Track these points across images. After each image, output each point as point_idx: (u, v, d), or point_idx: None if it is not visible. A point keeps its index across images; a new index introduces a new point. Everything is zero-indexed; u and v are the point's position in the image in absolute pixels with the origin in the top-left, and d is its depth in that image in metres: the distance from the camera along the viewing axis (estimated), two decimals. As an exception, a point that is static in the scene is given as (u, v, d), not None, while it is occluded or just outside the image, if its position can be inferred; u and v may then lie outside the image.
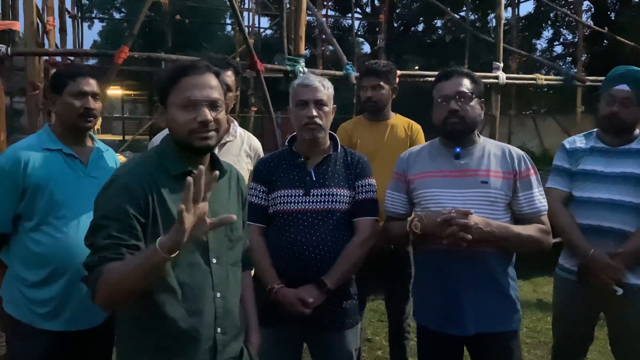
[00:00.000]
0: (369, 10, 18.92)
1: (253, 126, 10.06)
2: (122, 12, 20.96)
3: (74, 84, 2.02)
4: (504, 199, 1.93)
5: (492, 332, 1.91)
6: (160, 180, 1.46)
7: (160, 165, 1.49)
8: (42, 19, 5.33)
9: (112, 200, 1.41)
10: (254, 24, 11.90)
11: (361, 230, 2.05)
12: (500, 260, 1.93)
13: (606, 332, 2.46)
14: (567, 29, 17.23)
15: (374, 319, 4.32)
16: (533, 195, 1.95)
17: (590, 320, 2.42)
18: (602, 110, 2.37)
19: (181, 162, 1.50)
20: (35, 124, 4.08)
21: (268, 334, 2.09)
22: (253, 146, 2.39)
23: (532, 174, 1.97)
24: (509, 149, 2.01)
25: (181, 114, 1.46)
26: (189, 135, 1.46)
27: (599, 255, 2.21)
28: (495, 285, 1.93)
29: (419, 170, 2.06)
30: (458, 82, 1.98)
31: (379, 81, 2.83)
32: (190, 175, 1.44)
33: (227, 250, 1.57)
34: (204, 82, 1.48)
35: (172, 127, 1.50)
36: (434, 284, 1.99)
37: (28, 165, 1.93)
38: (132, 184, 1.42)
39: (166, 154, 1.52)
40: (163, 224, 1.42)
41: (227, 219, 1.34)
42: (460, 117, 1.94)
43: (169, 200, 1.44)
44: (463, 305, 1.91)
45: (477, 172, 1.95)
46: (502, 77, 5.44)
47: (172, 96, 1.47)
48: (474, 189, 1.93)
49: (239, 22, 5.13)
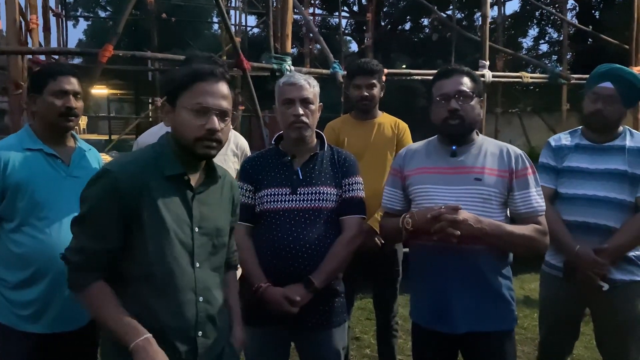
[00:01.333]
0: (356, 9, 18.93)
1: (240, 125, 10.01)
2: (107, 11, 20.75)
3: (54, 83, 1.98)
4: (498, 197, 1.91)
5: (484, 331, 1.89)
6: (152, 180, 1.45)
7: (155, 164, 1.48)
8: (25, 17, 5.25)
9: (100, 196, 1.41)
10: (241, 23, 11.81)
11: (348, 228, 2.05)
12: (492, 259, 1.91)
13: (592, 328, 2.49)
14: (552, 27, 17.40)
15: (362, 317, 4.33)
16: (529, 195, 1.92)
17: (576, 316, 2.44)
18: (586, 107, 2.39)
19: (177, 164, 1.50)
20: (18, 124, 4.02)
21: (255, 334, 2.08)
22: (240, 145, 2.38)
23: (530, 174, 1.93)
24: (507, 148, 1.98)
25: (191, 118, 1.46)
26: (194, 142, 1.47)
27: (585, 251, 2.23)
28: (487, 284, 1.90)
29: (415, 166, 2.04)
30: (459, 80, 1.94)
31: (373, 79, 2.84)
32: (184, 177, 1.49)
33: (210, 255, 1.57)
34: (218, 90, 1.49)
35: (178, 129, 1.50)
36: (426, 281, 1.98)
37: (8, 166, 1.90)
38: (123, 181, 1.41)
39: (164, 154, 1.51)
40: (150, 226, 1.43)
41: None
42: (460, 117, 1.91)
43: (159, 202, 1.44)
44: (454, 303, 1.89)
45: (471, 169, 1.93)
46: (488, 75, 5.47)
47: (184, 98, 1.47)
48: (467, 186, 1.91)
49: (225, 20, 5.09)
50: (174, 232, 1.46)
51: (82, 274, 1.42)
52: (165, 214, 1.44)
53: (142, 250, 1.43)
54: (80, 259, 1.42)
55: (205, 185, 1.57)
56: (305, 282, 1.94)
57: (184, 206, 1.50)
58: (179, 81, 1.49)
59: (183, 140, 1.49)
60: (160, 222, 1.44)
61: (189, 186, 1.52)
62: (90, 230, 1.42)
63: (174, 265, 1.46)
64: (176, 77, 1.52)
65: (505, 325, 1.94)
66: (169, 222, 1.45)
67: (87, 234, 1.42)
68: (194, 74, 1.48)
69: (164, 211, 1.44)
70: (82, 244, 1.42)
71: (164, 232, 1.45)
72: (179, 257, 1.47)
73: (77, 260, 1.42)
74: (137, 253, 1.44)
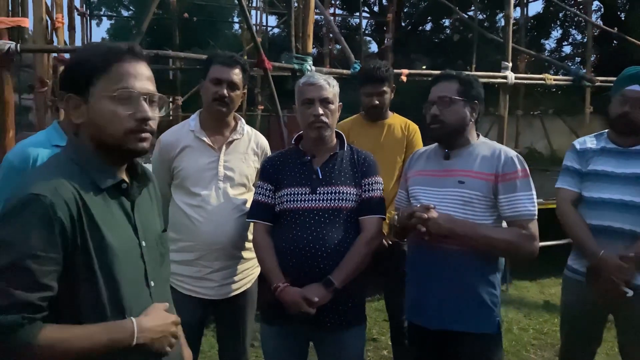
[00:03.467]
0: (377, 9, 18.91)
1: (260, 124, 10.06)
2: (130, 10, 21.05)
3: None
4: (481, 200, 1.93)
5: (457, 331, 1.92)
6: (87, 196, 1.19)
7: (83, 177, 1.21)
8: (51, 16, 5.35)
9: (37, 227, 1.09)
10: (261, 22, 11.88)
11: (367, 228, 2.05)
12: (472, 262, 1.93)
13: (614, 335, 2.44)
14: (576, 29, 17.15)
15: (380, 318, 4.31)
16: (515, 199, 1.91)
17: (598, 322, 2.40)
18: (613, 110, 2.35)
19: (110, 172, 1.26)
20: (43, 121, 4.09)
21: (274, 333, 2.10)
22: (260, 144, 2.38)
23: (520, 177, 1.93)
24: (500, 151, 1.99)
25: (115, 107, 1.21)
26: (124, 136, 1.22)
27: (609, 256, 2.19)
28: (465, 286, 1.93)
29: (415, 169, 2.15)
30: (442, 87, 2.02)
31: (383, 87, 2.84)
32: (122, 186, 1.26)
33: (159, 268, 1.39)
34: (141, 70, 1.25)
35: (98, 125, 1.22)
36: (410, 276, 2.09)
37: (37, 162, 1.93)
38: (58, 205, 1.12)
39: (88, 162, 1.23)
40: (95, 251, 1.17)
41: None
42: (440, 122, 1.99)
43: (99, 221, 1.19)
44: (429, 298, 1.97)
45: (456, 172, 1.98)
46: (511, 77, 5.41)
47: (101, 85, 1.21)
48: (450, 189, 1.97)
49: (247, 20, 5.12)
50: (124, 255, 1.23)
51: (23, 331, 1.07)
52: (110, 238, 1.20)
53: (90, 286, 1.17)
54: (14, 318, 1.06)
55: (138, 190, 1.33)
56: (324, 282, 1.94)
57: (127, 220, 1.28)
58: (91, 64, 1.22)
59: (108, 137, 1.22)
60: (107, 249, 1.19)
61: (125, 195, 1.29)
62: (24, 280, 1.07)
63: (131, 294, 1.24)
64: (84, 60, 1.24)
65: (480, 328, 1.94)
66: (117, 247, 1.21)
67: (20, 285, 1.07)
68: (110, 54, 1.22)
69: (108, 235, 1.19)
70: (12, 300, 1.06)
71: (114, 260, 1.20)
72: (134, 282, 1.26)
73: (10, 320, 1.06)
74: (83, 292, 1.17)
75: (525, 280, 5.39)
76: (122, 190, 1.28)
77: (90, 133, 1.25)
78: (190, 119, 2.30)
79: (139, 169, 1.37)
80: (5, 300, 1.06)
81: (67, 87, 1.25)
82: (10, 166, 1.95)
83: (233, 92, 2.21)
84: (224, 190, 2.21)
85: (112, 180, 1.25)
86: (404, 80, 4.84)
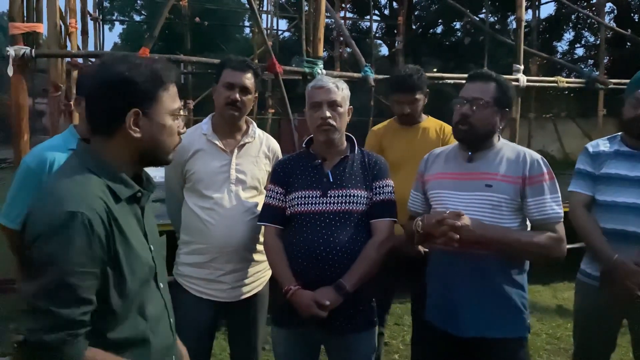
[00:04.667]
0: (387, 13, 18.89)
1: (270, 128, 10.09)
2: (142, 15, 21.24)
3: None
4: (509, 203, 1.90)
5: (492, 337, 1.89)
6: (113, 207, 1.22)
7: (104, 188, 1.23)
8: (65, 21, 5.41)
9: (79, 245, 1.12)
10: (272, 26, 11.92)
11: (379, 231, 2.04)
12: (501, 265, 1.90)
13: (628, 340, 2.41)
14: (588, 30, 17.02)
15: (391, 322, 4.29)
16: (544, 201, 1.89)
17: (612, 327, 2.37)
18: (627, 113, 2.33)
19: (126, 182, 1.29)
20: (56, 125, 4.14)
21: (285, 335, 2.10)
22: (271, 147, 2.39)
23: (546, 180, 1.90)
24: (525, 153, 1.96)
25: (173, 124, 1.32)
26: (173, 150, 1.35)
27: (623, 260, 2.17)
28: (496, 290, 1.90)
29: (434, 171, 2.09)
30: (478, 86, 1.96)
31: (415, 95, 2.77)
32: (137, 195, 1.31)
33: (163, 270, 1.44)
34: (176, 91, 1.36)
35: (157, 138, 1.30)
36: (437, 282, 2.04)
37: (54, 165, 1.95)
38: (95, 221, 1.15)
39: (107, 173, 1.26)
40: (127, 264, 1.22)
41: None
42: (470, 124, 1.94)
43: (126, 231, 1.24)
44: (462, 306, 1.92)
45: (483, 175, 1.94)
46: (523, 79, 5.37)
47: (164, 102, 1.29)
48: (478, 192, 1.92)
49: (258, 24, 5.14)
50: (143, 259, 1.29)
51: (68, 348, 1.12)
52: (134, 245, 1.26)
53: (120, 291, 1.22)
54: (59, 336, 1.11)
55: (147, 197, 1.38)
56: (336, 285, 1.94)
57: (139, 226, 1.33)
58: (159, 81, 1.28)
59: (162, 149, 1.32)
60: (133, 255, 1.25)
61: (138, 202, 1.34)
62: (67, 298, 1.12)
63: (149, 295, 1.32)
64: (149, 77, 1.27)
65: (514, 332, 1.92)
66: (138, 251, 1.27)
67: (63, 302, 1.11)
68: (170, 74, 1.31)
69: (132, 242, 1.25)
70: (57, 318, 1.11)
71: (137, 264, 1.26)
72: (148, 284, 1.32)
73: (55, 338, 1.11)
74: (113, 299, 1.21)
75: (538, 285, 5.34)
76: (137, 199, 1.33)
77: (139, 146, 1.28)
78: (203, 123, 2.32)
79: (144, 175, 1.40)
80: (51, 320, 1.10)
81: (127, 101, 1.25)
82: (27, 169, 1.98)
83: (245, 97, 2.22)
84: (235, 193, 2.23)
85: (131, 190, 1.29)
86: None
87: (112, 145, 1.28)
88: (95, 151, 1.29)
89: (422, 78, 2.81)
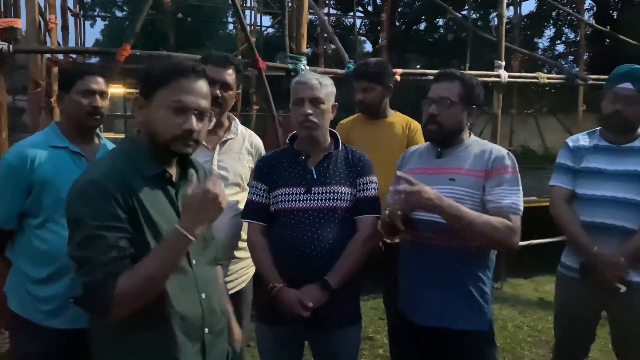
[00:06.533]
0: (371, 9, 18.93)
1: (255, 124, 10.05)
2: (124, 11, 20.99)
3: (82, 82, 2.02)
4: (471, 196, 1.92)
5: (451, 328, 1.92)
6: (135, 182, 1.38)
7: (132, 167, 1.41)
8: (44, 17, 5.32)
9: (99, 205, 1.31)
10: (256, 22, 11.86)
11: (363, 228, 2.05)
12: (461, 257, 1.93)
13: (608, 331, 2.46)
14: (569, 27, 17.24)
15: (375, 317, 4.32)
16: (501, 191, 1.90)
17: (592, 319, 2.42)
18: (605, 108, 2.37)
19: (155, 163, 1.44)
20: (37, 122, 4.07)
21: (269, 333, 2.10)
22: (254, 144, 2.39)
23: (508, 173, 1.92)
24: (491, 149, 1.99)
25: (168, 116, 1.40)
26: (170, 140, 1.41)
27: (603, 252, 2.21)
28: (455, 282, 1.93)
29: (408, 167, 2.12)
30: (444, 86, 1.99)
31: (369, 83, 2.80)
32: (165, 175, 1.45)
33: (202, 250, 1.54)
34: (198, 87, 1.44)
35: (153, 126, 1.43)
36: (406, 274, 2.08)
37: (35, 162, 1.93)
38: (110, 187, 1.32)
39: (138, 155, 1.44)
40: (148, 229, 1.37)
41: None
42: (437, 124, 1.97)
43: (147, 206, 1.38)
44: (426, 296, 1.96)
45: (448, 170, 1.98)
46: (504, 75, 5.41)
47: (162, 94, 1.41)
48: (442, 186, 1.94)
49: (241, 20, 5.11)
50: (161, 232, 1.40)
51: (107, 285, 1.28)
52: (156, 217, 1.39)
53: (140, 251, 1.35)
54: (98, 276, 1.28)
55: (184, 179, 1.52)
56: (321, 283, 1.94)
57: (170, 204, 1.45)
58: (158, 75, 1.42)
59: (158, 137, 1.42)
60: (153, 226, 1.38)
61: (170, 183, 1.47)
62: (100, 245, 1.29)
63: (176, 267, 1.40)
64: (155, 70, 1.45)
65: (473, 325, 1.94)
66: (161, 225, 1.39)
67: (96, 250, 1.29)
68: (174, 70, 1.42)
69: (154, 214, 1.38)
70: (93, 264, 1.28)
71: (158, 236, 1.38)
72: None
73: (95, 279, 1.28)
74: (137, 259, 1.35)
75: (519, 278, 5.41)
76: (167, 180, 1.46)
77: (147, 130, 1.44)
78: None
79: (188, 163, 1.55)
80: (88, 266, 1.29)
81: (138, 89, 1.47)
82: (8, 166, 1.95)
83: (226, 93, 2.21)
84: (218, 190, 2.21)
85: (157, 170, 1.43)
86: (397, 79, 4.84)
87: (142, 130, 1.48)
88: (135, 136, 1.50)
89: (382, 70, 2.83)
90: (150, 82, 1.43)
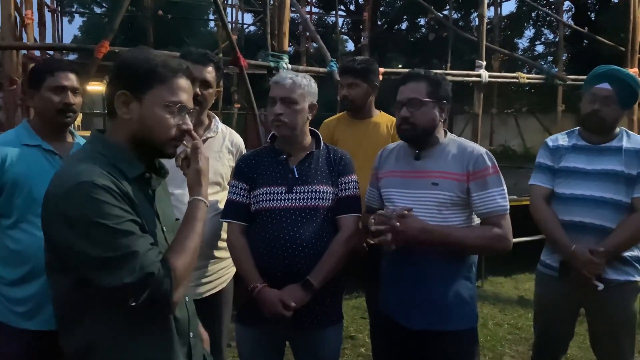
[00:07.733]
0: (353, 8, 18.94)
1: (236, 123, 9.99)
2: (103, 7, 20.65)
3: (52, 79, 1.97)
4: (455, 200, 1.93)
5: (442, 330, 1.93)
6: (120, 183, 1.30)
7: (113, 168, 1.31)
8: (21, 13, 5.22)
9: (110, 203, 1.23)
10: (237, 20, 11.80)
11: (345, 227, 2.04)
12: (446, 260, 1.94)
13: (586, 328, 2.50)
14: (548, 28, 17.46)
15: (357, 316, 4.33)
16: (487, 195, 1.92)
17: (570, 316, 2.45)
18: (583, 108, 2.40)
19: (137, 164, 1.37)
20: (13, 120, 3.99)
21: (250, 334, 2.08)
22: (235, 142, 2.36)
23: (491, 174, 1.93)
24: (470, 149, 1.99)
25: (164, 116, 1.34)
26: (167, 141, 1.37)
27: (581, 251, 2.23)
28: (441, 283, 1.94)
29: (387, 168, 2.12)
30: (411, 87, 1.99)
31: (355, 79, 2.79)
32: (145, 177, 1.39)
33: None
34: (189, 87, 1.40)
35: (148, 126, 1.34)
36: (389, 275, 2.08)
37: (6, 161, 1.88)
38: (110, 186, 1.25)
39: (117, 156, 1.34)
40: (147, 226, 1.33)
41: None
42: (411, 124, 1.98)
43: (136, 204, 1.31)
44: (410, 300, 1.96)
45: (430, 174, 1.98)
46: (485, 75, 5.47)
47: (157, 93, 1.33)
48: (424, 190, 1.95)
49: (222, 17, 5.07)
50: (152, 234, 1.35)
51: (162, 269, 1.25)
52: (145, 219, 1.33)
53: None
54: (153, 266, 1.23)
55: (158, 181, 1.47)
56: (303, 283, 1.93)
57: (150, 206, 1.40)
58: (153, 73, 1.33)
59: (154, 138, 1.35)
60: (143, 227, 1.32)
61: (149, 184, 1.42)
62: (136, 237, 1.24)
63: None
64: (146, 66, 1.34)
65: (462, 324, 1.96)
66: (149, 227, 1.35)
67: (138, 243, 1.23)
68: (173, 69, 1.36)
69: (143, 217, 1.33)
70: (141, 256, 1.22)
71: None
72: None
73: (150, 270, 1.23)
74: None
75: (500, 276, 5.46)
76: (145, 180, 1.40)
77: (132, 129, 1.35)
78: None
79: (157, 163, 1.48)
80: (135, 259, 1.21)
81: (122, 83, 1.33)
82: None
83: (206, 91, 2.18)
84: (198, 190, 2.18)
85: (138, 170, 1.36)
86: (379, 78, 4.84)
87: (115, 127, 1.37)
88: (105, 136, 1.38)
89: (368, 67, 2.83)
90: (142, 79, 1.33)
